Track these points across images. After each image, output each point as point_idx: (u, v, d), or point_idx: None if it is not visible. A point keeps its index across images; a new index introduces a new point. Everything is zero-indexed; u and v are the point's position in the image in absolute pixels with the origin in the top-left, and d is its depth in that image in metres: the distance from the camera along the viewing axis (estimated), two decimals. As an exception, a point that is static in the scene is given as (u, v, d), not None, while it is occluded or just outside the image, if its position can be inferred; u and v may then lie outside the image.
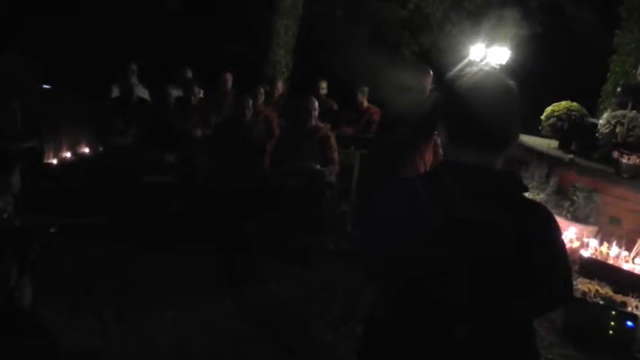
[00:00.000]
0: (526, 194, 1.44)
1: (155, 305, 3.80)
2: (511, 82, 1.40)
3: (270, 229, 4.83)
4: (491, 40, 8.50)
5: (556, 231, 1.42)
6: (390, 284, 1.48)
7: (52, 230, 3.14)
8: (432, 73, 4.80)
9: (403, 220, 1.39)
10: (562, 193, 5.54)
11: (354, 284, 4.45)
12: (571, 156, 5.81)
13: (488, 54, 8.30)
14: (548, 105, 6.36)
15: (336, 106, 6.84)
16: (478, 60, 8.37)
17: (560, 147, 6.29)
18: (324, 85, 6.93)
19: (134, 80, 6.29)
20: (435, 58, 9.85)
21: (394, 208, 1.43)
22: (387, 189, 1.52)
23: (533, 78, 7.26)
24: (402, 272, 1.42)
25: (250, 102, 5.01)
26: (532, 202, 1.46)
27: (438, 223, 1.33)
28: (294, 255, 4.79)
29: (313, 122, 4.93)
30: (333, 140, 4.92)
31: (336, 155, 4.92)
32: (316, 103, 4.97)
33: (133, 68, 6.71)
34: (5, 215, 3.01)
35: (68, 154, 7.05)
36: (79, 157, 7.07)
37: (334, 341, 3.57)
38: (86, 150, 7.26)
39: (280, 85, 7.35)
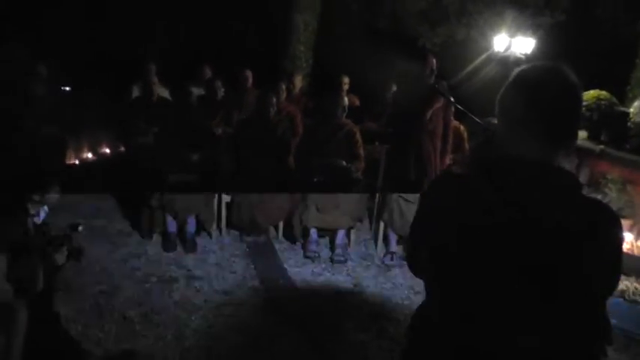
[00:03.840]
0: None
1: (182, 306, 3.76)
2: (575, 78, 1.37)
3: (297, 226, 4.76)
4: (515, 30, 8.33)
5: (619, 233, 1.35)
6: (439, 285, 1.41)
7: (80, 229, 3.10)
8: (433, 59, 4.61)
9: (458, 216, 1.33)
10: (594, 185, 5.37)
11: (382, 282, 4.39)
12: (602, 147, 5.63)
13: (512, 44, 8.15)
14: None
15: (358, 102, 6.75)
16: (502, 50, 8.23)
17: (590, 137, 6.11)
18: (346, 80, 6.84)
19: (154, 79, 6.25)
20: (453, 50, 9.71)
21: (448, 203, 1.37)
22: (440, 183, 1.46)
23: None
24: (455, 273, 1.35)
25: (274, 99, 4.93)
26: (595, 201, 1.38)
27: (499, 221, 1.28)
28: (320, 252, 4.72)
29: (339, 118, 4.84)
30: (358, 136, 4.83)
31: (361, 151, 4.83)
32: (346, 100, 4.89)
33: (152, 68, 6.68)
34: (37, 220, 2.98)
35: (89, 155, 7.07)
36: (100, 157, 7.09)
37: (366, 340, 3.50)
38: (107, 150, 7.28)
39: (299, 81, 7.27)
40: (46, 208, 3.09)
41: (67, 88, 8.13)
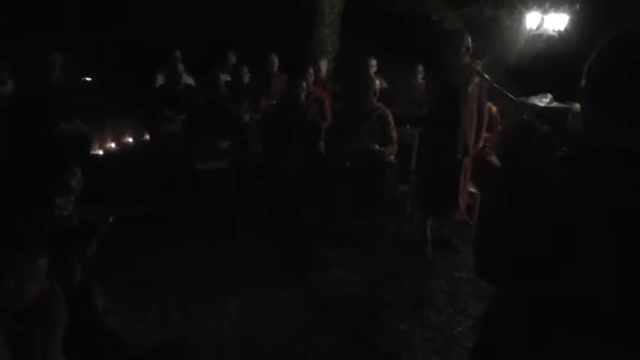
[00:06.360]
0: None
1: (218, 296, 3.69)
2: None
3: (330, 213, 4.65)
4: (548, 7, 8.05)
5: None
6: (522, 291, 1.26)
7: (111, 219, 3.01)
8: (468, 37, 4.35)
9: (542, 214, 1.17)
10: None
11: (419, 268, 4.27)
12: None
13: (544, 21, 7.91)
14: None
15: (386, 84, 6.59)
16: (534, 28, 8.00)
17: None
18: (373, 62, 6.67)
19: (180, 67, 6.16)
20: (480, 29, 9.45)
21: (527, 201, 1.20)
22: (513, 178, 1.28)
23: (594, 45, 6.79)
24: (542, 276, 1.19)
25: (304, 84, 4.81)
26: None
27: (587, 218, 1.12)
28: (355, 239, 4.62)
29: (371, 101, 4.69)
30: (391, 119, 4.68)
31: (394, 134, 4.68)
32: (376, 83, 4.74)
33: (177, 55, 6.59)
34: (65, 213, 2.91)
35: (113, 145, 7.03)
36: (123, 147, 7.04)
37: (408, 330, 3.38)
38: (130, 140, 7.23)
39: (325, 65, 7.12)
40: (72, 198, 3.01)
41: (88, 79, 8.08)
